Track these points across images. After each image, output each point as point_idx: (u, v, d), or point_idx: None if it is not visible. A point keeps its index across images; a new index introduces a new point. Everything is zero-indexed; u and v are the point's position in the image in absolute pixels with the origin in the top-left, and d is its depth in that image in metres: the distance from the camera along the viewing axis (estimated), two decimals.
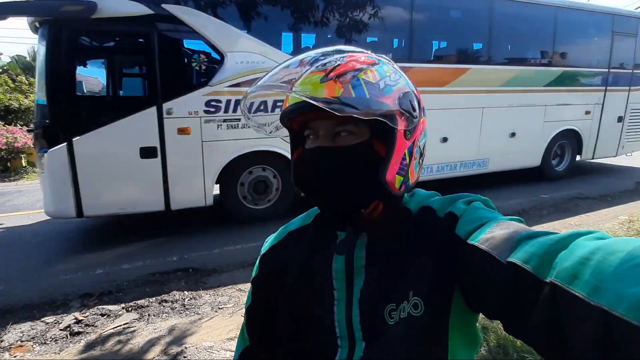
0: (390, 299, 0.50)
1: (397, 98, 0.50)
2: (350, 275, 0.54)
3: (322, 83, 0.48)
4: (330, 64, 0.49)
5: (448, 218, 0.52)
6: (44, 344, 2.30)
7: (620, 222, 4.27)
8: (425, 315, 0.48)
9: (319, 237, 0.60)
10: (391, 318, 0.50)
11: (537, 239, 0.38)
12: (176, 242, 4.03)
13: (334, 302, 0.54)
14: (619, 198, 5.41)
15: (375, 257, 0.54)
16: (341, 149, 0.51)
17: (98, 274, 3.24)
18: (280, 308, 0.61)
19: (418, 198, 0.60)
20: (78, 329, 2.43)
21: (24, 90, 13.89)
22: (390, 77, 0.51)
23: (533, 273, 0.35)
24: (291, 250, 0.64)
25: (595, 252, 0.31)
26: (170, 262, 3.46)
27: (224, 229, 4.44)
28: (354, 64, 0.50)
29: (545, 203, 5.16)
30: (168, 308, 2.69)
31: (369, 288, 0.53)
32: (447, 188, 1.34)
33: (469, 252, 0.44)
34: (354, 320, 0.52)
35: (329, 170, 0.52)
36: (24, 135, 9.90)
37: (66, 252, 3.81)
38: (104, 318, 2.56)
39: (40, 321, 2.54)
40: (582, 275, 0.30)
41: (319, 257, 0.58)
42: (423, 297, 0.49)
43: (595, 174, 7.33)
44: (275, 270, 0.64)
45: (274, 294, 0.62)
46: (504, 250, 0.40)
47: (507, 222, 0.45)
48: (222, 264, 3.42)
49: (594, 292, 0.29)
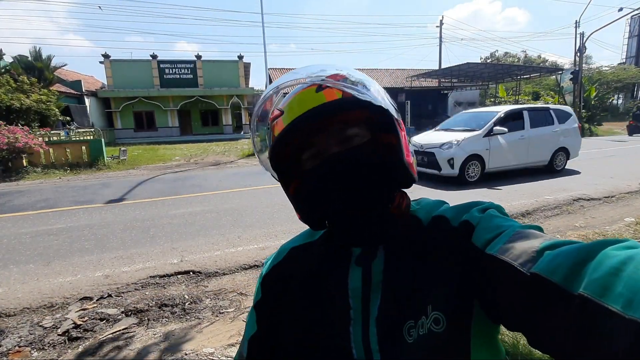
0: (409, 316, 0.48)
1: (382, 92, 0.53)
2: (367, 293, 0.51)
3: (319, 92, 0.49)
4: (314, 80, 0.50)
5: (463, 227, 0.49)
6: (42, 349, 2.27)
7: (627, 224, 4.21)
8: (447, 331, 0.46)
9: (329, 255, 0.57)
10: (410, 336, 0.47)
11: (562, 249, 0.36)
12: (177, 244, 3.99)
13: (350, 323, 0.51)
14: (624, 199, 5.36)
15: (392, 272, 0.52)
16: (357, 147, 0.51)
17: (97, 277, 3.21)
18: (287, 333, 0.56)
19: (427, 207, 0.57)
20: (76, 334, 2.39)
21: (26, 90, 13.90)
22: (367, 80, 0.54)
23: (560, 285, 0.33)
24: (295, 266, 0.60)
25: (626, 262, 0.30)
26: (170, 265, 3.42)
27: (224, 231, 4.41)
28: (335, 74, 0.51)
29: (549, 204, 5.11)
30: (168, 312, 2.66)
31: (387, 304, 0.50)
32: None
33: (488, 262, 0.43)
34: (371, 340, 0.49)
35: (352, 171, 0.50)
36: (25, 135, 9.90)
37: (66, 254, 3.78)
38: (103, 323, 2.53)
39: (39, 325, 2.50)
40: (615, 287, 0.29)
41: (330, 275, 0.55)
42: (444, 311, 0.47)
43: (597, 175, 7.27)
44: (281, 292, 0.60)
45: (279, 318, 0.58)
46: (526, 261, 0.38)
47: (527, 231, 0.43)
48: (223, 266, 3.38)
49: (628, 305, 0.27)
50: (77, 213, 5.51)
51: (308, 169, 0.53)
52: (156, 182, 8.33)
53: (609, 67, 32.85)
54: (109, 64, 21.55)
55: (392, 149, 0.51)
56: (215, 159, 12.65)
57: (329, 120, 0.49)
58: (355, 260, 0.53)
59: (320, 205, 0.53)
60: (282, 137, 0.51)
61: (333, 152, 0.50)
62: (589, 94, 22.51)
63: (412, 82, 24.42)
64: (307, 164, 0.52)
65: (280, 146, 0.52)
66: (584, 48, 19.55)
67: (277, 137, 0.51)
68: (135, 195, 6.75)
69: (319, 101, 0.49)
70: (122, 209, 5.75)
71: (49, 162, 10.42)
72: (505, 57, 48.50)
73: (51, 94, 14.90)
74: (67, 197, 6.72)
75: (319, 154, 0.51)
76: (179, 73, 22.88)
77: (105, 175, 9.58)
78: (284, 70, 26.02)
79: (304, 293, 0.56)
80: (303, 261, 0.60)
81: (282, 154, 0.53)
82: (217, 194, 6.73)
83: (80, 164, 10.73)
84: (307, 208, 0.54)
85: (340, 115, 0.50)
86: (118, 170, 10.54)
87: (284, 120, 0.51)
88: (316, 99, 0.49)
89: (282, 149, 0.52)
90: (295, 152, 0.53)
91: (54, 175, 9.56)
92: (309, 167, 0.52)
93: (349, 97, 0.49)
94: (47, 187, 7.94)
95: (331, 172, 0.50)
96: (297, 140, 0.51)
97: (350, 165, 0.50)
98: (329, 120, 0.49)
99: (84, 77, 24.35)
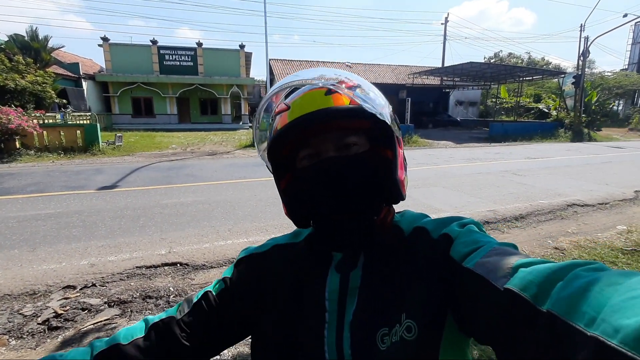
0: (383, 323, 0.49)
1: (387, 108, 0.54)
2: (343, 297, 0.53)
3: (328, 96, 0.51)
4: (326, 84, 0.51)
5: (442, 240, 0.52)
6: (20, 337, 2.23)
7: (619, 232, 4.21)
8: (418, 339, 0.47)
9: (311, 257, 0.58)
10: (383, 343, 0.48)
11: (535, 267, 0.38)
12: (166, 235, 3.94)
13: (324, 325, 0.52)
14: (618, 207, 5.36)
15: (370, 278, 0.53)
16: (353, 156, 0.53)
17: (82, 265, 3.16)
18: (264, 331, 0.57)
19: (409, 218, 0.60)
20: (57, 323, 2.35)
21: (21, 71, 13.66)
22: (376, 93, 0.54)
23: (530, 301, 0.35)
24: (274, 263, 0.61)
25: (592, 284, 0.31)
26: (158, 256, 3.38)
27: (215, 223, 4.36)
28: (347, 83, 0.52)
29: (543, 209, 5.09)
30: (152, 304, 2.62)
31: (362, 310, 0.51)
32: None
33: (464, 275, 0.44)
34: (344, 345, 0.50)
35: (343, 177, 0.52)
36: (19, 116, 9.75)
37: (53, 241, 3.73)
38: (85, 313, 2.49)
39: (19, 313, 2.46)
40: (580, 307, 0.30)
41: (310, 277, 0.56)
42: (416, 319, 0.48)
43: (593, 181, 7.27)
44: (253, 278, 0.60)
45: (238, 304, 0.59)
46: (500, 277, 0.39)
47: (503, 248, 0.45)
48: (211, 259, 3.35)
49: (591, 323, 0.29)
50: (67, 199, 5.44)
51: (302, 167, 0.54)
52: (151, 170, 8.24)
53: (611, 73, 32.78)
54: (108, 47, 21.21)
55: (387, 163, 0.53)
56: (212, 148, 12.55)
57: (332, 124, 0.51)
58: (336, 265, 0.55)
59: (306, 205, 0.55)
60: (283, 132, 0.52)
61: (329, 156, 0.52)
62: (590, 98, 22.48)
63: (414, 79, 24.27)
64: (302, 163, 0.54)
65: (280, 140, 0.53)
66: (587, 52, 19.45)
67: (279, 131, 0.53)
68: (128, 183, 6.68)
69: (326, 104, 0.51)
70: (114, 196, 5.69)
71: (43, 145, 10.28)
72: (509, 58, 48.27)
73: (47, 76, 14.67)
74: (59, 182, 6.64)
75: (315, 155, 0.53)
76: (179, 60, 22.57)
77: (100, 161, 9.47)
78: (285, 62, 25.74)
79: (284, 292, 0.57)
80: (284, 260, 0.61)
81: (280, 148, 0.55)
82: (211, 184, 6.67)
83: (75, 148, 10.60)
84: (294, 205, 0.56)
85: (343, 122, 0.51)
86: (113, 156, 10.43)
87: (289, 115, 0.52)
88: (324, 101, 0.51)
89: (282, 144, 0.54)
90: (294, 148, 0.54)
91: (47, 159, 9.45)
92: (303, 166, 0.54)
93: (356, 106, 0.50)
94: (39, 171, 7.84)
95: (323, 176, 0.52)
96: (297, 138, 0.53)
97: (343, 171, 0.51)
98: (331, 124, 0.51)
99: (82, 59, 23.98)
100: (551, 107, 26.00)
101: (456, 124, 26.28)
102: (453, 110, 29.76)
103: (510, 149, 13.81)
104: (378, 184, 0.53)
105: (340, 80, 0.51)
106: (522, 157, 11.06)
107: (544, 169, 8.70)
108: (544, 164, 9.62)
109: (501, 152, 12.45)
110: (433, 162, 9.90)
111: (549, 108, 26.11)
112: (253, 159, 10.16)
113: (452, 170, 8.52)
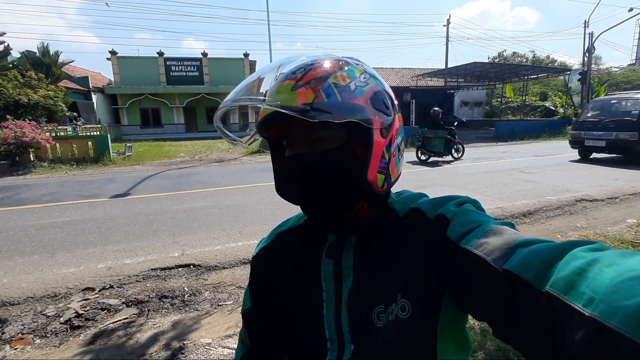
0: (379, 301, 0.50)
1: (369, 98, 0.50)
2: (339, 277, 0.54)
3: (294, 91, 0.47)
4: (300, 71, 0.49)
5: (438, 220, 0.51)
6: (45, 337, 2.32)
7: (628, 225, 4.18)
8: (413, 318, 0.48)
9: (309, 239, 0.61)
10: (379, 320, 0.50)
11: (533, 247, 0.38)
12: (178, 238, 4.04)
13: (322, 304, 0.55)
14: (627, 201, 5.31)
15: (363, 258, 0.54)
16: (320, 153, 0.50)
17: (100, 269, 3.27)
18: (273, 310, 0.62)
19: (405, 199, 0.59)
20: (78, 322, 2.44)
21: (33, 86, 14.07)
22: (359, 78, 0.51)
23: (529, 282, 0.35)
24: (281, 251, 0.64)
25: (591, 264, 0.32)
26: (171, 258, 3.47)
27: (226, 226, 4.45)
28: (323, 68, 0.49)
29: (551, 205, 5.08)
30: (168, 304, 2.70)
31: (358, 289, 0.53)
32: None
33: (462, 255, 0.44)
34: (342, 322, 0.53)
35: (310, 175, 0.51)
36: (33, 130, 10.04)
37: (70, 246, 3.85)
38: (104, 312, 2.58)
39: (42, 314, 2.56)
40: (578, 287, 0.31)
41: (307, 258, 0.58)
42: (410, 299, 0.49)
43: (601, 177, 7.20)
44: (268, 272, 0.65)
45: (268, 295, 0.64)
46: (499, 257, 0.39)
47: (501, 227, 0.44)
48: (223, 260, 3.43)
49: (589, 303, 0.29)
50: (82, 207, 5.59)
51: (286, 155, 0.55)
52: (161, 177, 8.41)
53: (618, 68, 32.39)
54: (116, 60, 21.73)
55: (355, 163, 0.50)
56: (219, 156, 12.72)
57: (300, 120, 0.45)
58: (327, 247, 0.57)
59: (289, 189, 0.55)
60: (258, 126, 0.54)
61: (298, 152, 0.51)
62: (597, 94, 22.24)
63: (417, 81, 24.30)
64: (287, 151, 0.55)
65: (259, 131, 0.55)
66: (593, 48, 19.31)
67: (257, 124, 0.55)
68: (140, 191, 6.83)
69: (289, 101, 0.46)
70: (127, 203, 5.83)
71: (56, 157, 10.55)
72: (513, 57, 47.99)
73: (58, 90, 15.08)
74: (73, 192, 6.82)
75: (293, 146, 0.53)
76: (185, 70, 23.03)
77: (111, 171, 9.68)
78: None
79: (286, 275, 0.61)
80: (288, 245, 0.64)
81: (265, 135, 0.56)
82: (220, 190, 6.78)
83: (87, 159, 10.86)
84: (283, 187, 0.56)
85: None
86: (124, 165, 10.64)
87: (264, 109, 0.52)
88: (289, 98, 0.47)
89: (262, 132, 0.55)
90: (278, 136, 0.55)
91: (60, 170, 9.69)
92: (287, 154, 0.54)
93: (306, 108, 0.45)
94: (53, 182, 8.06)
95: (292, 171, 0.52)
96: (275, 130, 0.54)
97: (309, 169, 0.50)
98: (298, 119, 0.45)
99: (91, 73, 24.59)
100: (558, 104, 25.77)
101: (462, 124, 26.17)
102: (458, 111, 29.65)
103: (517, 147, 13.72)
104: (349, 181, 0.50)
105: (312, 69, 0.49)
106: (529, 155, 10.99)
107: (551, 166, 8.64)
108: (552, 161, 9.55)
109: (508, 151, 12.38)
110: (439, 161, 9.90)
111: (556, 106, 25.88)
112: (260, 164, 10.28)
113: (459, 169, 8.52)
